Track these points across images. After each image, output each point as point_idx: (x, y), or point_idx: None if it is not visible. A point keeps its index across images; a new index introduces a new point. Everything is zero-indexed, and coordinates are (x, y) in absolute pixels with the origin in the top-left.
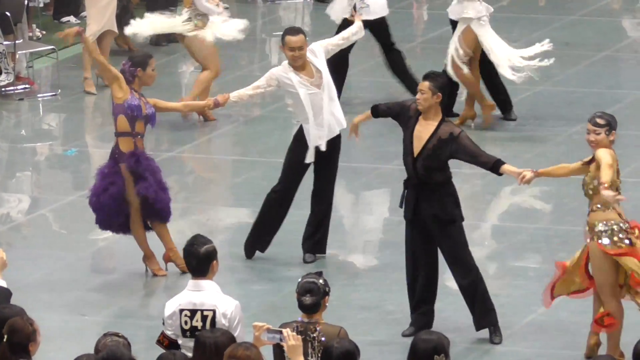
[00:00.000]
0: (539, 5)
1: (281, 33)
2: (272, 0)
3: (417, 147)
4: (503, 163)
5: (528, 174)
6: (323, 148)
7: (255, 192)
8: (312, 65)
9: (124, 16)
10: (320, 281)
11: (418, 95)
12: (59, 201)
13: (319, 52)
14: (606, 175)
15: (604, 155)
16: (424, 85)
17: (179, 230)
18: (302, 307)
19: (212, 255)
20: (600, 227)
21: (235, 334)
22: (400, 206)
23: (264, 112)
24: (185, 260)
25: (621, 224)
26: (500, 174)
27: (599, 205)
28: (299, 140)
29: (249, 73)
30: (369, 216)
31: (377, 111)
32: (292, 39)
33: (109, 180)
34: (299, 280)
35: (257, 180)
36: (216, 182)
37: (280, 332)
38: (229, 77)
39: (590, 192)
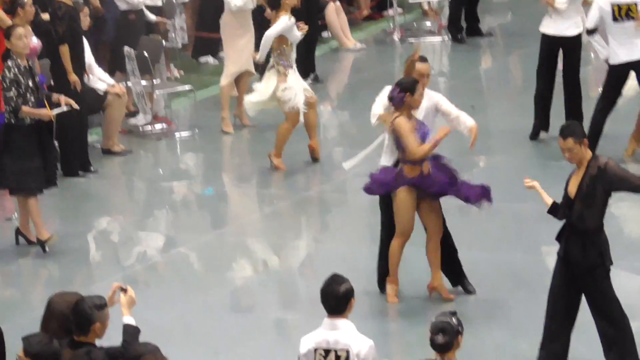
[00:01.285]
0: None
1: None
2: (410, 40)
3: (572, 190)
4: None
5: None
6: None
7: None
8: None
9: None
10: (454, 320)
11: (567, 155)
12: (195, 240)
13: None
14: None
15: None
16: (568, 143)
17: (314, 269)
18: (435, 346)
19: (350, 294)
20: None
21: None
22: (557, 239)
23: None
24: (323, 300)
25: None
26: None
27: None
28: None
29: None
30: (507, 254)
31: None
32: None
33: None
34: (433, 319)
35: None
36: (352, 222)
37: None
38: (366, 118)
39: None
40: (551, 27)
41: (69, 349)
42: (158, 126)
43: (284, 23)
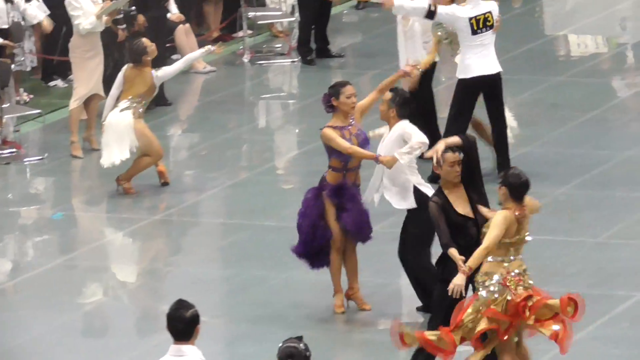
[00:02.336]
0: (523, 68)
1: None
2: (260, 62)
3: (467, 211)
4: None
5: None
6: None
7: (241, 255)
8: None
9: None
10: (301, 345)
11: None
12: (45, 265)
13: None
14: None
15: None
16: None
17: (167, 292)
18: None
19: (196, 319)
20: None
21: None
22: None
23: (250, 174)
24: (169, 324)
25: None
26: None
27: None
28: None
29: (238, 135)
30: None
31: None
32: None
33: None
34: (280, 344)
35: (243, 243)
36: (203, 244)
37: None
38: (217, 140)
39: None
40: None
41: None
42: (7, 151)
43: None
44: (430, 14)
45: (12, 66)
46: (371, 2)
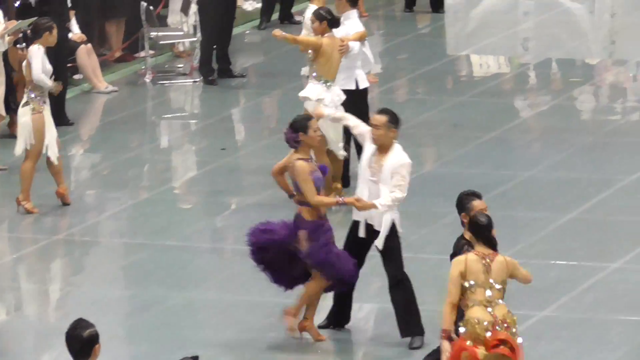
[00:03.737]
0: (425, 89)
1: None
2: (162, 82)
3: None
4: None
5: None
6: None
7: (142, 275)
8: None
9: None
10: None
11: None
12: None
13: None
14: None
15: None
16: (484, 203)
17: (67, 312)
18: None
19: (95, 339)
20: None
21: None
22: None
23: (151, 194)
24: (67, 344)
25: None
26: None
27: None
28: None
29: (139, 155)
30: None
31: None
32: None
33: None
34: None
35: (144, 263)
36: (105, 264)
37: None
38: (119, 159)
39: None
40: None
41: None
42: None
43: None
44: None
45: None
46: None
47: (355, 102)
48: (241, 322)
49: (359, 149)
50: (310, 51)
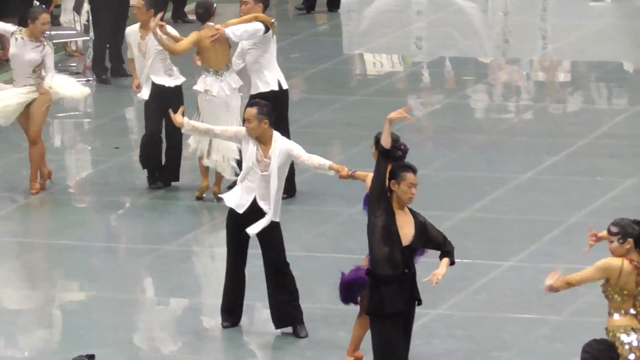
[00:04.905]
0: (319, 87)
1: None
2: None
3: (404, 236)
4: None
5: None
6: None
7: (36, 275)
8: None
9: None
10: None
11: (414, 190)
12: None
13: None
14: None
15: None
16: (417, 179)
17: None
18: None
19: None
20: None
21: None
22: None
23: (44, 193)
24: None
25: None
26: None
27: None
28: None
29: None
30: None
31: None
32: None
33: None
34: None
35: (38, 263)
36: None
37: None
38: (12, 159)
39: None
40: None
41: None
42: None
43: None
44: None
45: None
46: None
47: (276, 103)
48: (135, 321)
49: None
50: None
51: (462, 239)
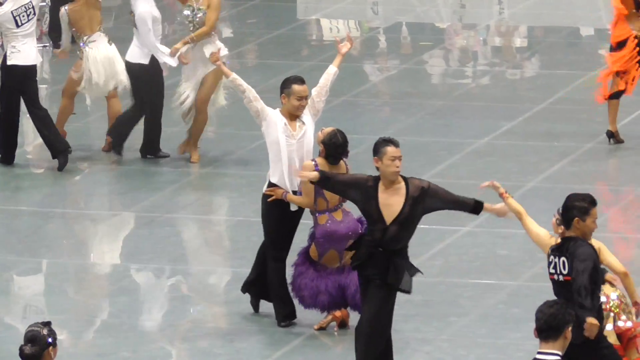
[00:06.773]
0: (274, 53)
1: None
2: None
3: (390, 214)
4: (482, 202)
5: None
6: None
7: None
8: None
9: None
10: (45, 331)
11: (397, 163)
12: None
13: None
14: None
15: None
16: (399, 151)
17: None
18: (22, 356)
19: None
20: None
21: None
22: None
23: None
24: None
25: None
26: (478, 214)
27: None
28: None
29: None
30: None
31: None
32: (299, 88)
33: None
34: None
35: None
36: None
37: None
38: None
39: None
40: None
41: None
42: None
43: None
44: None
45: None
46: None
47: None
48: (91, 286)
49: None
50: None
51: None
